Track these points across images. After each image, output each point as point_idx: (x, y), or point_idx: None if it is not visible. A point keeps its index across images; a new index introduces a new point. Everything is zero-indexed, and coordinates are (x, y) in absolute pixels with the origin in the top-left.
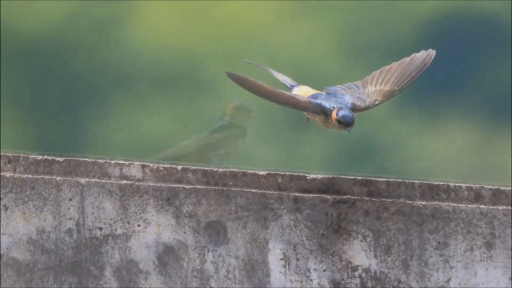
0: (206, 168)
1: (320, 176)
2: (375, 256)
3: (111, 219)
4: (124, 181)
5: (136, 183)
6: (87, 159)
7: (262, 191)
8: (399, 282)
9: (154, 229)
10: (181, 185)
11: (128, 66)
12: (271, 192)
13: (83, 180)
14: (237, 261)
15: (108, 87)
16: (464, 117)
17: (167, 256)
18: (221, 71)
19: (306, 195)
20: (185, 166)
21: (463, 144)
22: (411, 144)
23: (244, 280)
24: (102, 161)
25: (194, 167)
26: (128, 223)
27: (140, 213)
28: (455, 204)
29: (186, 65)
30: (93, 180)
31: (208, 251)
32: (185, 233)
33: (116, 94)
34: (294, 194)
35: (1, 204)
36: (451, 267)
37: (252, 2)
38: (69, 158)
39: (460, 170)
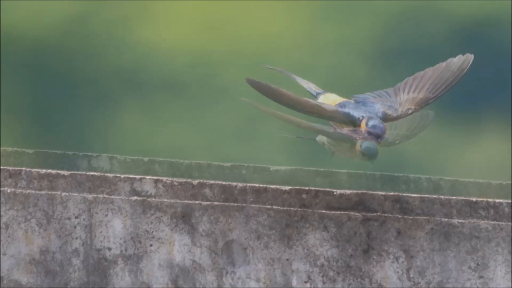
0: (224, 183)
1: (348, 192)
2: (408, 278)
3: (121, 238)
4: (135, 197)
5: (148, 199)
6: (95, 173)
7: (285, 208)
8: None
9: (167, 249)
10: (197, 202)
11: (140, 72)
12: (295, 209)
13: (90, 196)
14: (258, 284)
15: (117, 94)
16: (503, 127)
17: (182, 278)
18: (240, 77)
19: (333, 212)
20: (201, 181)
21: (502, 155)
22: (446, 156)
23: None
24: (111, 175)
25: (211, 182)
26: (140, 242)
27: (152, 232)
28: (495, 222)
29: (203, 70)
30: (101, 196)
31: (226, 273)
32: (201, 253)
33: (127, 102)
34: (320, 211)
35: (2, 222)
36: None
37: (274, 3)
38: (75, 172)
39: (498, 183)
